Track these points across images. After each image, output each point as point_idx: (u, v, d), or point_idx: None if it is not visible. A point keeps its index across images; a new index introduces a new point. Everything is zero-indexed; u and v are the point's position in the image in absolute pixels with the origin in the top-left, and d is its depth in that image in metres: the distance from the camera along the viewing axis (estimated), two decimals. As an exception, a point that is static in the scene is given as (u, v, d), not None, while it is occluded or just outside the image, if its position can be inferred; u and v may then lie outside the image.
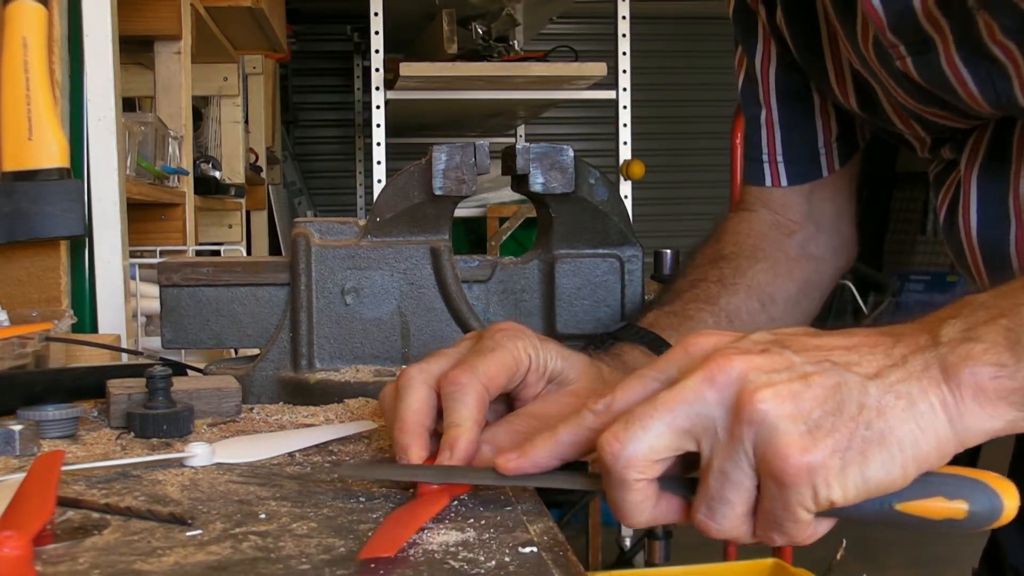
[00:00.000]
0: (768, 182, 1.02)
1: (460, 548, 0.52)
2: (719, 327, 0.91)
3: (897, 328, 0.56)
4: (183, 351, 1.24)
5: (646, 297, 1.00)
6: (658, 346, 0.84)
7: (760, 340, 0.55)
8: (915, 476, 0.52)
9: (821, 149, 1.00)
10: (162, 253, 1.73)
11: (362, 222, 0.95)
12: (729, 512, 0.53)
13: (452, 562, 0.50)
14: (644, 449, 0.53)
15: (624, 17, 3.25)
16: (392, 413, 0.67)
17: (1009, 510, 0.52)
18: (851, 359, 0.53)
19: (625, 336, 0.86)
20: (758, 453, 0.51)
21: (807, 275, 1.01)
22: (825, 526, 0.53)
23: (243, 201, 3.07)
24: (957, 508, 0.52)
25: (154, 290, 1.35)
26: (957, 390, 0.52)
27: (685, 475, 0.55)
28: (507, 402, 0.70)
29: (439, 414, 0.65)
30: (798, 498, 0.51)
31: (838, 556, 2.46)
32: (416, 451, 0.63)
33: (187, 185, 2.09)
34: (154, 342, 1.49)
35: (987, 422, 0.52)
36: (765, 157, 1.01)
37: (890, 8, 0.77)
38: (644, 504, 0.54)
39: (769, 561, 2.15)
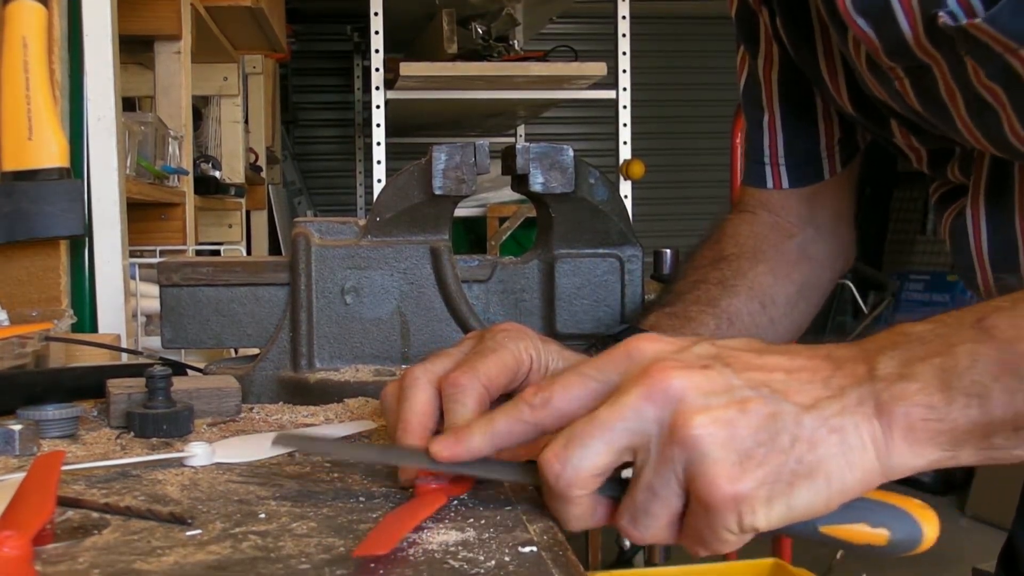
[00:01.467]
0: (769, 184, 1.01)
1: (460, 548, 0.52)
2: (720, 329, 0.91)
3: (837, 352, 0.56)
4: (183, 351, 1.24)
5: (646, 297, 1.00)
6: None
7: (703, 354, 0.55)
8: (838, 506, 0.53)
9: (823, 152, 1.00)
10: (162, 253, 1.73)
11: (362, 222, 0.95)
12: (652, 523, 0.54)
13: (452, 562, 0.50)
14: (585, 467, 0.53)
15: (624, 17, 3.25)
16: (394, 413, 0.67)
17: (928, 540, 0.54)
18: (790, 386, 0.53)
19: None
20: (687, 476, 0.52)
21: (806, 277, 1.01)
22: (750, 536, 0.53)
23: (243, 201, 3.07)
24: (879, 535, 0.54)
25: (154, 290, 1.35)
26: (888, 428, 0.52)
27: (618, 475, 0.56)
28: (502, 400, 0.70)
29: (442, 415, 0.65)
30: (723, 522, 0.52)
31: (838, 556, 2.46)
32: None
33: (187, 185, 2.09)
34: (154, 342, 1.49)
35: (913, 460, 0.53)
36: (767, 159, 1.01)
37: (884, 37, 0.77)
38: (588, 512, 0.55)
39: (769, 561, 2.15)
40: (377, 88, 3.13)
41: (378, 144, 3.13)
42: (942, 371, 0.53)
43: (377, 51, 3.10)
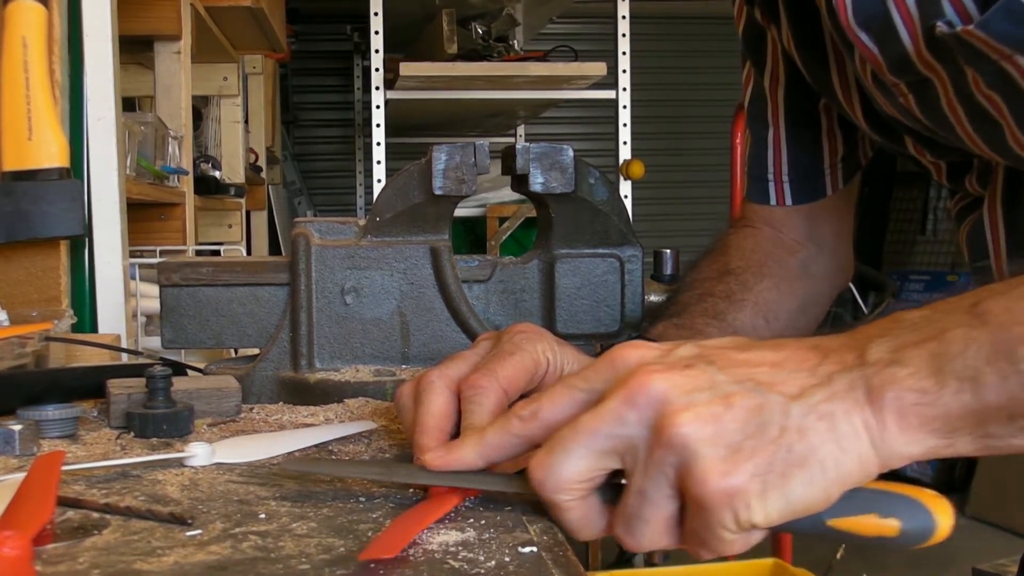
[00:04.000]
0: (772, 201, 1.02)
1: (460, 548, 0.52)
2: None
3: (826, 342, 0.55)
4: (183, 351, 1.24)
5: (646, 297, 1.00)
6: None
7: (685, 355, 0.55)
8: (838, 495, 0.52)
9: (826, 170, 1.00)
10: (162, 253, 1.73)
11: (362, 222, 0.95)
12: (645, 530, 0.53)
13: (452, 562, 0.50)
14: (568, 474, 0.53)
15: (624, 17, 3.25)
16: (411, 416, 0.67)
17: (942, 529, 0.52)
18: (776, 377, 0.53)
19: None
20: (678, 476, 0.51)
21: (807, 293, 1.02)
22: (757, 536, 0.52)
23: (243, 201, 3.07)
24: (889, 526, 0.52)
25: (154, 290, 1.35)
26: (880, 413, 0.51)
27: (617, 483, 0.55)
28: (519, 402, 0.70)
29: (459, 418, 0.65)
30: (719, 520, 0.51)
31: (838, 555, 2.46)
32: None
33: (187, 185, 2.09)
34: (154, 342, 1.49)
35: (907, 447, 0.52)
36: (771, 176, 1.01)
37: (886, 52, 0.77)
38: (586, 518, 0.55)
39: (769, 561, 2.14)
40: (377, 88, 3.13)
41: (378, 144, 3.13)
42: (933, 356, 0.52)
43: (377, 51, 3.10)
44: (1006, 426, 0.52)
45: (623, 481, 0.54)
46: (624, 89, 3.27)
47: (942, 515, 0.52)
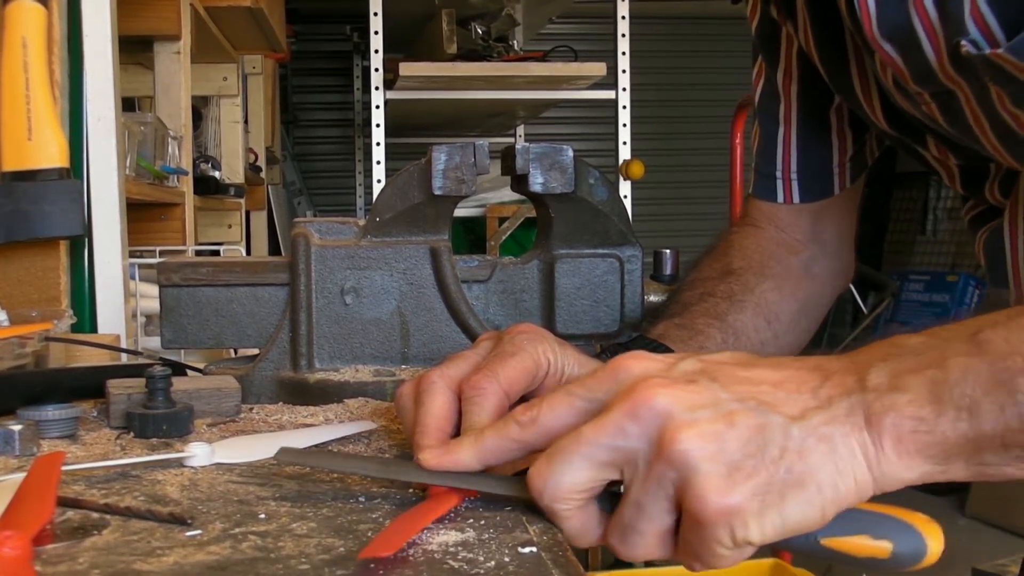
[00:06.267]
0: (780, 199, 1.02)
1: (460, 548, 0.52)
2: (727, 343, 0.91)
3: (827, 364, 0.56)
4: (183, 351, 1.24)
5: (645, 298, 1.00)
6: None
7: (689, 370, 0.55)
8: (833, 516, 0.52)
9: (835, 169, 1.00)
10: (162, 253, 1.73)
11: (362, 222, 0.95)
12: (639, 541, 0.54)
13: (452, 562, 0.50)
14: (567, 483, 0.54)
15: (624, 17, 3.25)
16: (411, 416, 0.67)
17: (932, 553, 0.53)
18: (777, 397, 0.53)
19: (637, 347, 0.86)
20: (677, 491, 0.52)
21: (808, 294, 1.02)
22: (749, 552, 0.53)
23: (243, 201, 3.07)
24: (881, 547, 0.53)
25: (154, 290, 1.35)
26: (878, 438, 0.52)
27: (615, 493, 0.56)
28: (519, 403, 0.70)
29: (460, 419, 0.65)
30: (715, 537, 0.51)
31: (838, 556, 2.46)
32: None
33: (187, 185, 2.09)
34: (154, 342, 1.49)
35: (903, 472, 0.52)
36: (779, 173, 1.01)
37: (910, 63, 0.77)
38: (584, 527, 0.55)
39: (769, 561, 2.15)
40: (377, 88, 3.13)
41: (378, 144, 3.13)
42: (933, 383, 0.52)
43: (377, 51, 3.10)
44: (1000, 455, 0.52)
45: (620, 490, 0.54)
46: (624, 89, 3.27)
47: (933, 539, 0.53)
